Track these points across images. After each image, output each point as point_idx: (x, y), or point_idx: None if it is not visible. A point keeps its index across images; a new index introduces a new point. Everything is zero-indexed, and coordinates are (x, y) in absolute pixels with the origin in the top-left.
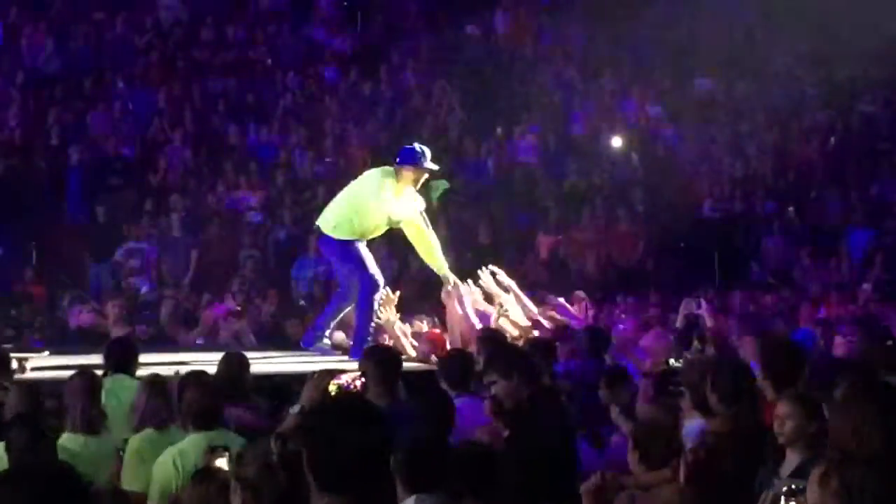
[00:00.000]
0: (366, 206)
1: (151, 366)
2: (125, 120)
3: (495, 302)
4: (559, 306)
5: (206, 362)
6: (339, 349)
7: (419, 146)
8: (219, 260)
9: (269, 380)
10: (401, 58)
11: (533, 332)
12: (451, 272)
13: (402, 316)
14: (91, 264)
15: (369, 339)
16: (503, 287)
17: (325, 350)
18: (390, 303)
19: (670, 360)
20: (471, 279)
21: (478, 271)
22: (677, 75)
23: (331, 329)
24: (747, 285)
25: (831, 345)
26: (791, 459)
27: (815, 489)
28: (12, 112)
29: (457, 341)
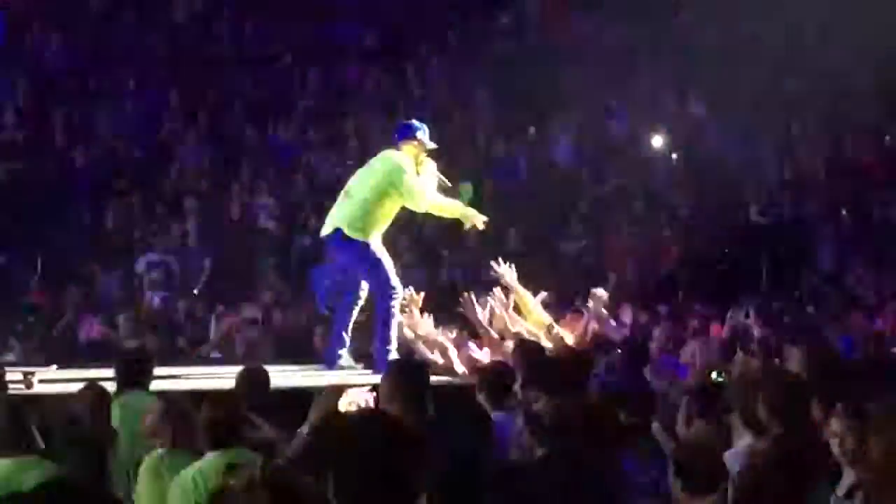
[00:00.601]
0: (388, 193)
1: (165, 379)
2: (135, 120)
3: (514, 298)
4: (596, 319)
5: (221, 376)
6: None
7: (416, 122)
8: (235, 269)
9: (292, 395)
10: (427, 52)
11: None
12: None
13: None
14: (101, 273)
15: (392, 349)
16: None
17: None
18: (415, 304)
19: (713, 374)
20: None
21: (494, 263)
22: (722, 70)
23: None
24: (796, 294)
25: (884, 358)
26: (847, 477)
27: None
28: (15, 111)
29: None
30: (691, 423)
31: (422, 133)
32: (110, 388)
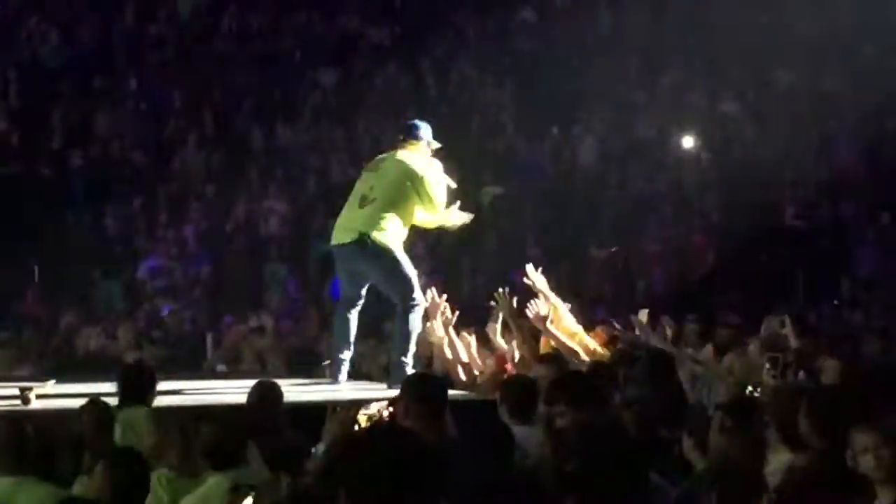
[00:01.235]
0: (412, 198)
1: (168, 395)
2: (136, 120)
3: (544, 304)
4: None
5: (228, 391)
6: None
7: (419, 121)
8: (242, 276)
9: (306, 411)
10: (445, 48)
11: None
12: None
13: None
14: (100, 281)
15: (410, 362)
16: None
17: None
18: (436, 308)
19: (748, 387)
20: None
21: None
22: (755, 67)
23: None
24: (835, 302)
25: None
26: (884, 497)
27: None
28: (9, 111)
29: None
30: (724, 437)
31: (427, 132)
32: (110, 402)
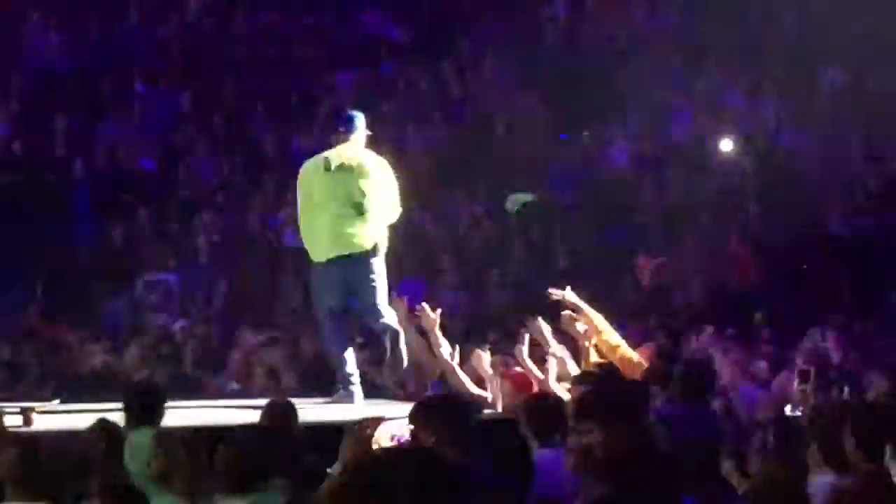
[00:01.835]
0: (395, 200)
1: (177, 415)
2: (143, 126)
3: (581, 321)
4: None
5: (240, 410)
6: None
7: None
8: (256, 290)
9: (322, 431)
10: (469, 48)
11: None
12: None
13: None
14: (105, 296)
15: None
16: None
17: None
18: (433, 324)
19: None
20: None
21: (551, 290)
22: (799, 66)
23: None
24: (884, 315)
25: None
26: None
27: None
28: (10, 117)
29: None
30: (766, 458)
31: (363, 122)
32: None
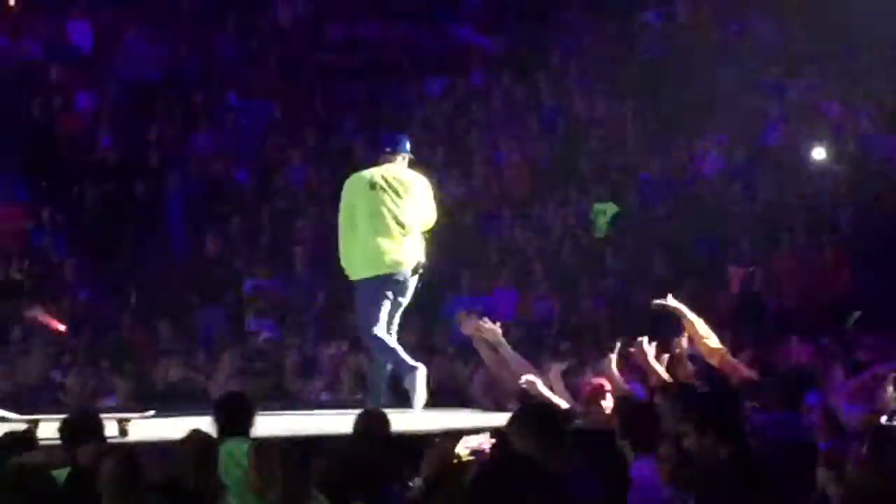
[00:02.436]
0: (432, 216)
1: (270, 425)
2: (236, 136)
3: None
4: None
5: (332, 419)
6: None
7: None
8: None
9: (408, 441)
10: (561, 57)
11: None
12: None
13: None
14: (199, 306)
15: None
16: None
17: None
18: (496, 336)
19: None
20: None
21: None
22: (893, 73)
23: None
24: None
25: None
26: None
27: None
28: (105, 128)
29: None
30: (862, 468)
31: (408, 145)
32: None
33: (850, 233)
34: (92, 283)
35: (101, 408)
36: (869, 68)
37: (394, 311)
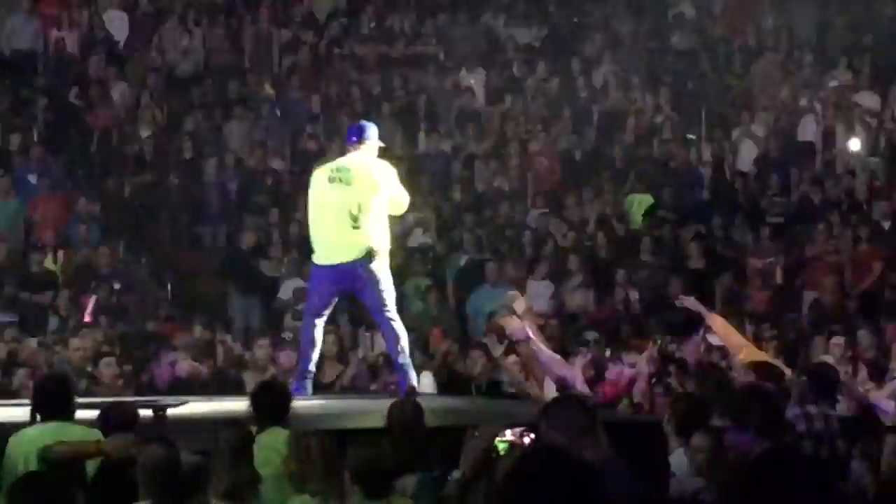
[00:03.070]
0: (389, 205)
1: (306, 415)
2: (272, 127)
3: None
4: None
5: (364, 411)
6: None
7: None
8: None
9: (443, 432)
10: (596, 48)
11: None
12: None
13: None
14: (235, 298)
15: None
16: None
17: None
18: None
19: None
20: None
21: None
22: None
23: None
24: None
25: None
26: None
27: None
28: (143, 121)
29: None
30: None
31: (375, 132)
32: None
33: (886, 225)
34: (127, 274)
35: (135, 398)
36: None
37: (335, 295)
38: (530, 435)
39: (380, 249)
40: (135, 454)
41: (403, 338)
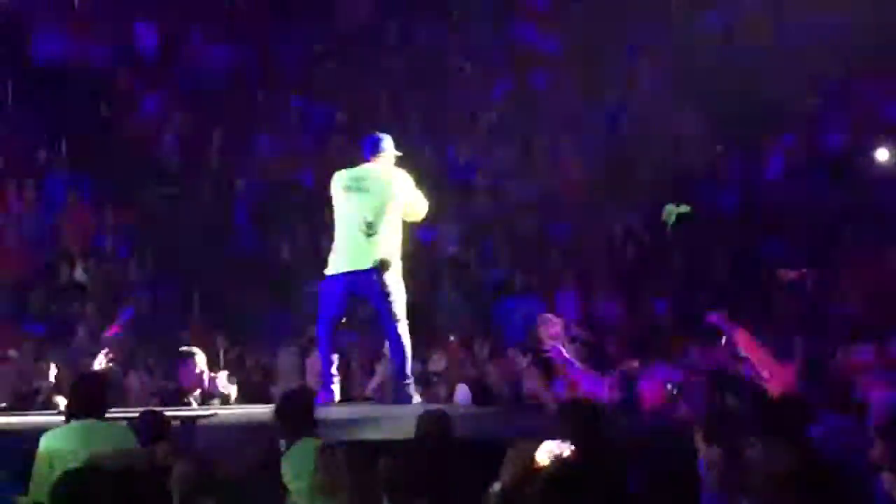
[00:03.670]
0: (405, 214)
1: (332, 426)
2: (300, 138)
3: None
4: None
5: (392, 422)
6: None
7: (379, 133)
8: (416, 302)
9: (477, 445)
10: (624, 59)
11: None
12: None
13: None
14: (265, 312)
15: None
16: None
17: None
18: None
19: None
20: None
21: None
22: None
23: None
24: None
25: None
26: None
27: None
28: (172, 132)
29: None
30: None
31: (390, 143)
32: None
33: None
34: (155, 286)
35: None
36: None
37: (351, 305)
38: (570, 446)
39: (393, 259)
40: (171, 463)
41: (408, 356)
